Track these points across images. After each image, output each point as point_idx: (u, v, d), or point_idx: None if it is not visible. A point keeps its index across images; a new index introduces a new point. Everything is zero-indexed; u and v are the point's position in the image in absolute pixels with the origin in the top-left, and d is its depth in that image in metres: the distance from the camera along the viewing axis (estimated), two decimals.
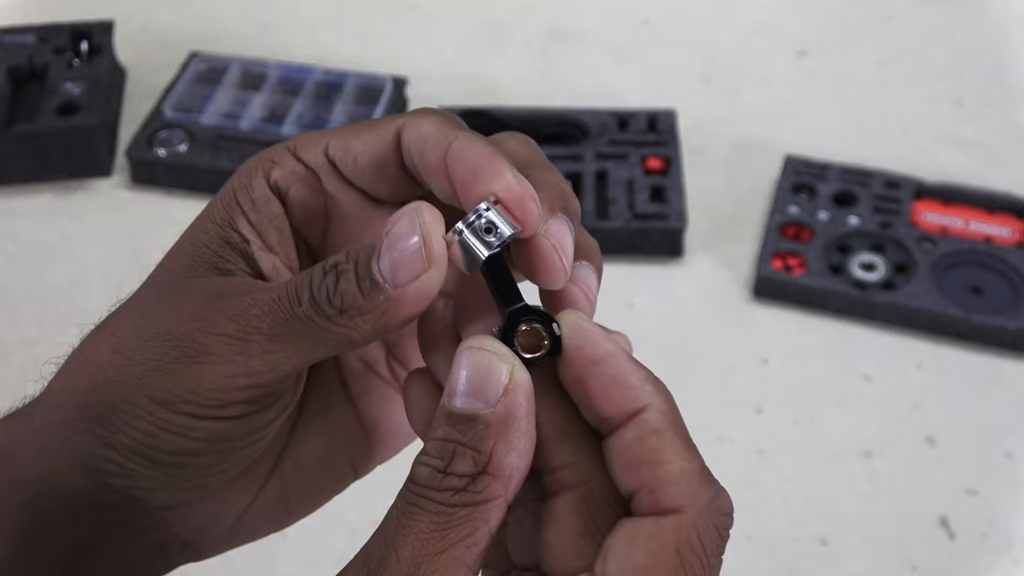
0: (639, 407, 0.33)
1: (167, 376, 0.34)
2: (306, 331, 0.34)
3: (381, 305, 0.33)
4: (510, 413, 0.32)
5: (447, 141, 0.35)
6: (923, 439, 0.79)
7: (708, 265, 0.90)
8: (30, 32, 1.02)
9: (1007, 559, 0.72)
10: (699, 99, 1.05)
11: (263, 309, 0.34)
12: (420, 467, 0.32)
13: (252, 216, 0.37)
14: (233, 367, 0.34)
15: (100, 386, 0.35)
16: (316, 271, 0.34)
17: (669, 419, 0.34)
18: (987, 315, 0.83)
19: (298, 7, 1.15)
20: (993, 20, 1.15)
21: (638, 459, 0.33)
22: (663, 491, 0.32)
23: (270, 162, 0.37)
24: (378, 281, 0.33)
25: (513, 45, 1.11)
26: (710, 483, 0.34)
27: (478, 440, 0.32)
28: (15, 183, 0.95)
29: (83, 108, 0.95)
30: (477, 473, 0.32)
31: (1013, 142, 1.01)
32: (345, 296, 0.33)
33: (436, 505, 0.32)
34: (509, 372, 0.33)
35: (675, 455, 0.33)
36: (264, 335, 0.34)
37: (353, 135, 0.37)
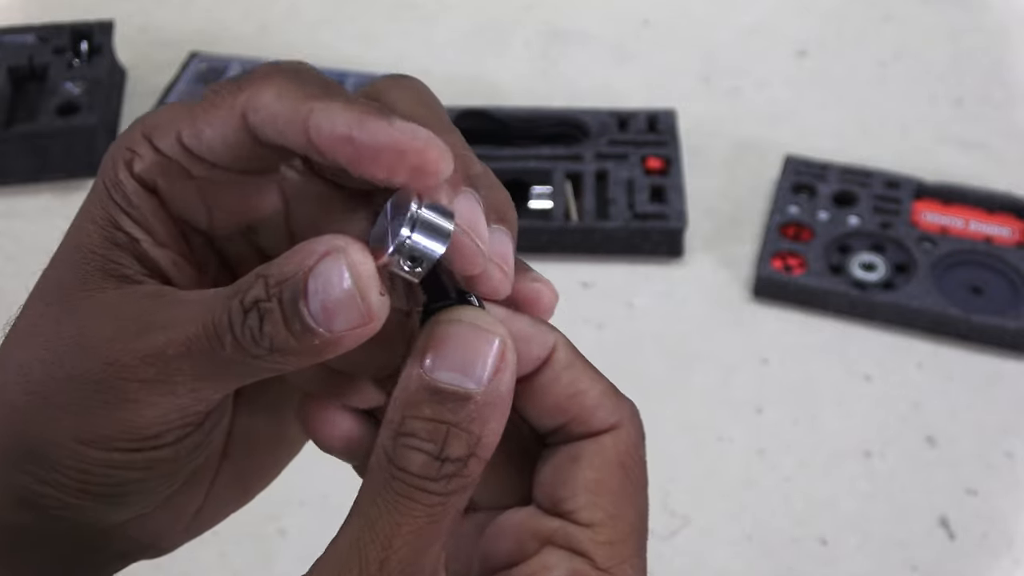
0: (542, 354, 0.34)
1: (92, 420, 0.32)
2: (232, 369, 0.31)
3: (317, 346, 0.30)
4: (500, 392, 0.31)
5: (301, 119, 0.31)
6: (923, 439, 0.79)
7: (708, 265, 0.90)
8: (30, 32, 1.02)
9: (1007, 559, 0.72)
10: (699, 99, 1.05)
11: (180, 350, 0.31)
12: (412, 453, 0.30)
13: (133, 213, 0.33)
14: (160, 408, 0.32)
15: (21, 429, 0.33)
16: (235, 309, 0.30)
17: (573, 350, 0.34)
18: (987, 315, 0.83)
19: (298, 7, 1.15)
20: (993, 20, 1.15)
21: (560, 396, 0.34)
22: (593, 416, 0.34)
23: (130, 152, 0.33)
24: (310, 326, 0.30)
25: (513, 45, 1.11)
26: (624, 397, 0.35)
27: (470, 421, 0.30)
28: (15, 183, 0.95)
29: (83, 108, 0.95)
30: (468, 456, 0.30)
31: (1013, 142, 1.01)
32: (274, 339, 0.30)
33: (433, 497, 0.30)
34: (502, 349, 0.31)
35: (592, 381, 0.34)
36: (187, 375, 0.31)
37: (203, 118, 0.33)
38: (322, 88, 0.32)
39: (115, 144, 0.34)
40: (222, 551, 0.71)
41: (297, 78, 0.33)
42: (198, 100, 0.33)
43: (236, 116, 0.32)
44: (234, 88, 0.33)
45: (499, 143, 0.95)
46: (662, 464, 0.77)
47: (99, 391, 0.32)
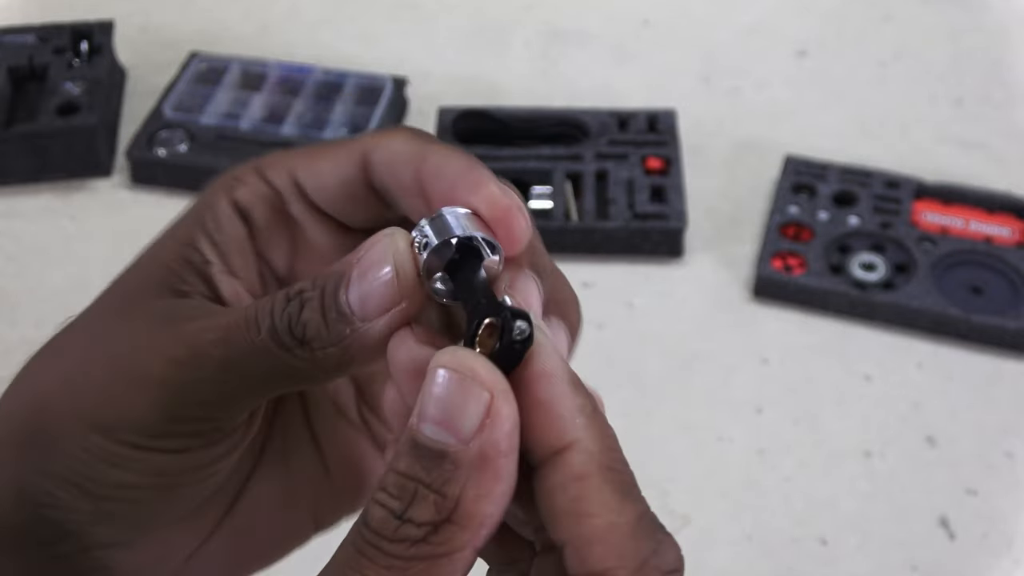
0: (563, 444, 0.28)
1: (108, 402, 0.32)
2: (262, 363, 0.30)
3: (346, 339, 0.29)
4: (485, 453, 0.27)
5: (420, 157, 0.31)
6: (923, 439, 0.79)
7: (708, 265, 0.90)
8: (30, 32, 1.02)
9: (1007, 559, 0.72)
10: (699, 99, 1.05)
11: (218, 335, 0.31)
12: (375, 507, 0.27)
13: (215, 236, 0.34)
14: (180, 393, 0.31)
15: (39, 411, 0.33)
16: (279, 298, 0.30)
17: (597, 461, 0.28)
18: (987, 315, 0.83)
19: (298, 7, 1.15)
20: (993, 20, 1.15)
21: (561, 509, 0.28)
22: (589, 550, 0.27)
23: (235, 180, 0.34)
24: (345, 312, 0.29)
25: (513, 45, 1.11)
26: (646, 538, 0.28)
27: (444, 482, 0.27)
28: (15, 183, 0.95)
29: (83, 108, 0.95)
30: (441, 521, 0.27)
31: (1013, 142, 1.01)
32: (308, 327, 0.30)
33: (387, 558, 0.27)
34: (488, 402, 0.27)
35: (602, 506, 0.28)
36: (216, 363, 0.30)
37: (320, 156, 0.34)
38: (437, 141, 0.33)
39: (224, 173, 0.35)
40: None
41: (422, 134, 0.33)
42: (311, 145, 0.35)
43: (357, 154, 0.33)
44: (360, 137, 0.34)
45: (499, 143, 0.95)
46: (662, 464, 0.78)
47: (125, 370, 0.32)
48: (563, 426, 0.28)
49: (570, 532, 0.28)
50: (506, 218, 0.30)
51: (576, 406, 0.28)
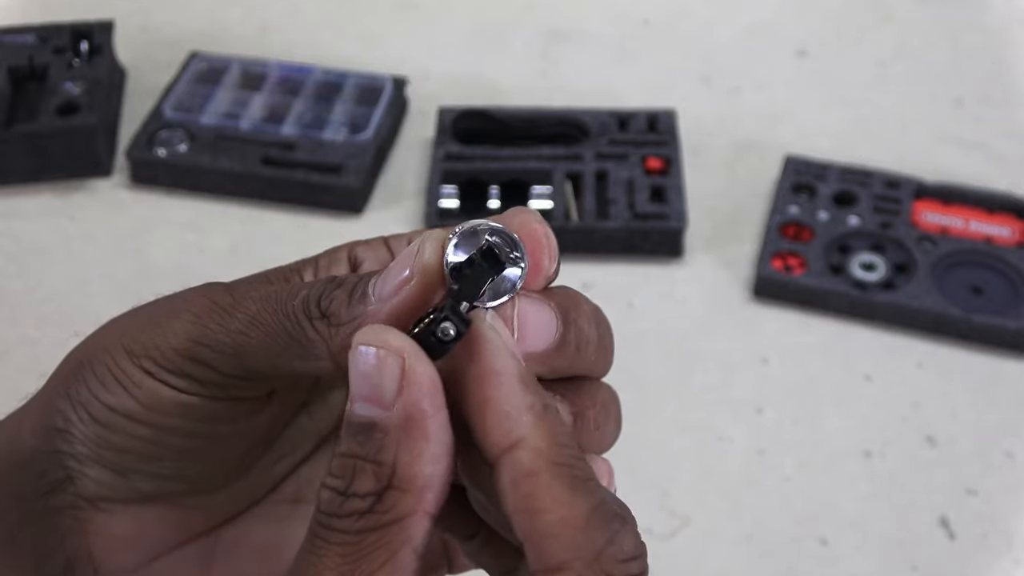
0: (511, 441, 0.28)
1: (145, 328, 0.34)
2: (285, 327, 0.32)
3: (357, 318, 0.31)
4: (409, 414, 0.28)
5: None
6: (923, 439, 0.79)
7: (708, 265, 0.90)
8: (30, 32, 1.02)
9: (1007, 559, 0.72)
10: (699, 99, 1.05)
11: (262, 293, 0.33)
12: (323, 491, 0.29)
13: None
14: (203, 332, 0.33)
15: (94, 336, 0.35)
16: (325, 278, 0.33)
17: (545, 457, 0.28)
18: (987, 315, 0.83)
19: (298, 7, 1.15)
20: (993, 20, 1.15)
21: (514, 507, 0.28)
22: (544, 545, 0.28)
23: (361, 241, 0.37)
24: (368, 294, 0.31)
25: (513, 45, 1.11)
26: (600, 528, 0.28)
27: (377, 450, 0.28)
28: (15, 183, 0.95)
29: (83, 108, 0.95)
30: (382, 489, 0.28)
31: (1013, 142, 1.01)
32: (334, 301, 0.31)
33: (340, 535, 0.28)
34: (400, 366, 0.28)
35: (553, 501, 0.28)
36: (247, 316, 0.32)
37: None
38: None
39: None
40: None
41: None
42: None
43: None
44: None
45: (499, 143, 0.95)
46: (662, 464, 0.78)
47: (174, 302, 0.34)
48: (510, 424, 0.28)
49: (525, 529, 0.28)
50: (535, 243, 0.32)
51: (524, 404, 0.29)
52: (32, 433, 0.35)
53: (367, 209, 0.94)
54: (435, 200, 0.90)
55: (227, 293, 0.34)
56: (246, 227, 0.91)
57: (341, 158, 0.93)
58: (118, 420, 0.34)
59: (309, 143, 0.95)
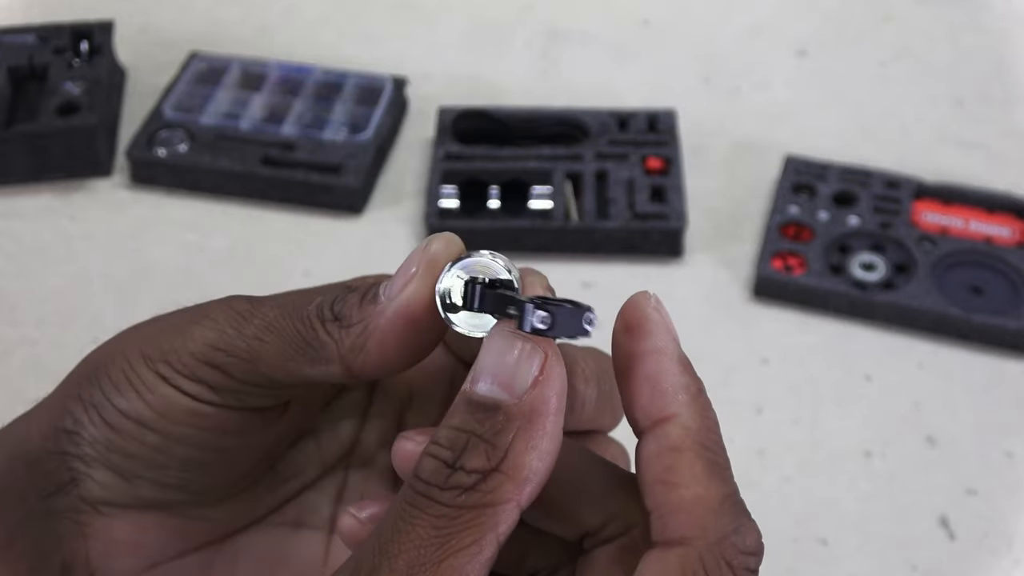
0: (664, 415, 0.30)
1: (165, 332, 0.35)
2: (298, 331, 0.33)
3: (366, 319, 0.32)
4: (535, 408, 0.29)
5: None
6: (923, 439, 0.79)
7: (708, 265, 0.90)
8: (30, 32, 1.02)
9: (1007, 559, 0.72)
10: (699, 99, 1.05)
11: (279, 301, 0.34)
12: (427, 459, 0.29)
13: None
14: (220, 337, 0.34)
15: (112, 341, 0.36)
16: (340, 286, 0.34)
17: (693, 437, 0.30)
18: (987, 315, 0.83)
19: (298, 7, 1.15)
20: (993, 20, 1.15)
21: (653, 477, 0.30)
22: (672, 518, 0.29)
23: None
24: (378, 295, 0.32)
25: (513, 45, 1.11)
26: (731, 515, 0.30)
27: (495, 432, 0.29)
28: (15, 183, 0.95)
29: (83, 108, 0.95)
30: (489, 470, 0.28)
31: (1013, 142, 1.01)
32: (345, 304, 0.33)
33: (439, 507, 0.28)
34: (542, 361, 0.29)
35: (691, 479, 0.30)
36: (264, 322, 0.33)
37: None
38: None
39: None
40: None
41: None
42: None
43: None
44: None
45: (499, 143, 0.95)
46: None
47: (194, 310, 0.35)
48: (665, 400, 0.31)
49: (658, 499, 0.29)
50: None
51: (681, 384, 0.32)
52: (40, 434, 0.35)
53: (367, 209, 0.94)
54: (435, 200, 0.90)
55: (247, 302, 0.35)
56: (246, 227, 0.91)
57: (341, 158, 0.93)
58: (128, 425, 0.34)
59: (309, 143, 0.95)
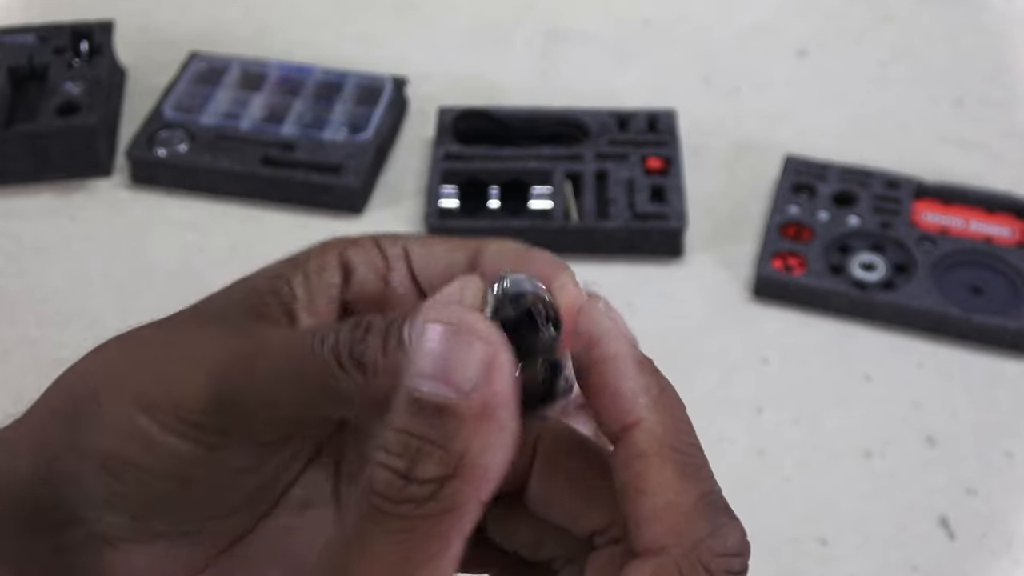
0: (628, 422, 0.29)
1: (160, 381, 0.32)
2: (313, 374, 0.30)
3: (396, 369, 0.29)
4: (487, 405, 0.27)
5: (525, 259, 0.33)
6: (923, 439, 0.79)
7: (708, 265, 0.90)
8: (30, 32, 1.02)
9: (1007, 559, 0.72)
10: (699, 99, 1.05)
11: (283, 339, 0.31)
12: (379, 470, 0.27)
13: (311, 277, 0.34)
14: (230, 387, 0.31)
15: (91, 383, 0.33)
16: (350, 321, 0.31)
17: (660, 440, 0.29)
18: (987, 315, 0.83)
19: (298, 7, 1.15)
20: (993, 20, 1.15)
21: (623, 486, 0.29)
22: (646, 527, 0.28)
23: (350, 242, 0.35)
24: (405, 342, 0.29)
25: (513, 45, 1.11)
26: (707, 518, 0.29)
27: (447, 437, 0.27)
28: (15, 183, 0.95)
29: (83, 108, 0.95)
30: (446, 477, 0.27)
31: (1013, 142, 1.01)
32: (368, 351, 0.29)
33: (396, 521, 0.27)
34: (488, 352, 0.27)
35: (661, 485, 0.29)
36: (272, 364, 0.31)
37: (435, 240, 0.35)
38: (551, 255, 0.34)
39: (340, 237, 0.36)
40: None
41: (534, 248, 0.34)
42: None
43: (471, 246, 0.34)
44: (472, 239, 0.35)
45: (499, 143, 0.95)
46: None
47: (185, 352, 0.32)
48: (627, 406, 0.29)
49: (632, 508, 0.28)
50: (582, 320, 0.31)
51: (640, 387, 0.30)
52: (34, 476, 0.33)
53: (367, 209, 0.94)
54: (435, 200, 0.90)
55: (243, 340, 0.32)
56: (246, 227, 0.91)
57: (341, 158, 0.93)
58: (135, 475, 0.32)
59: (309, 143, 0.95)
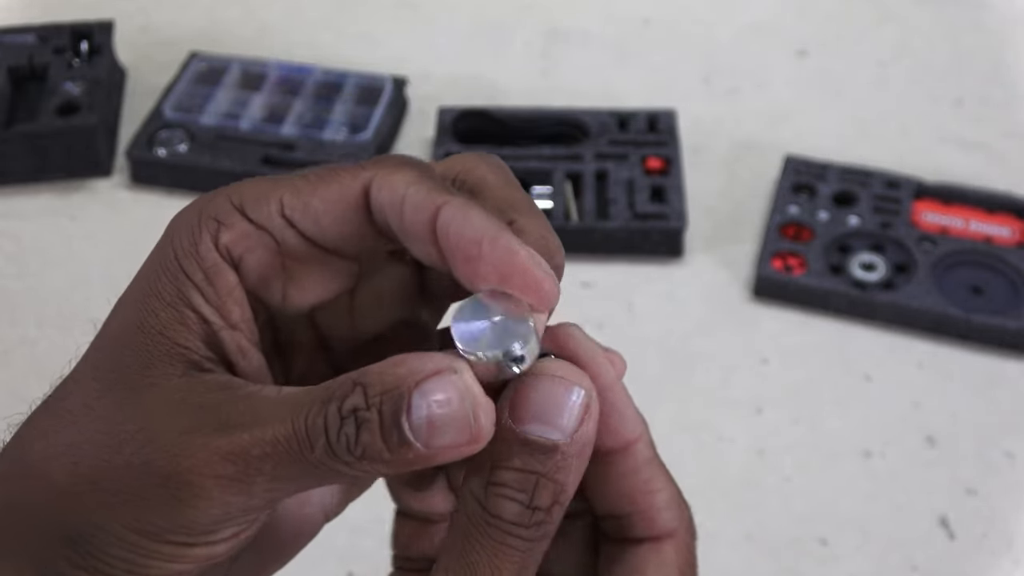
0: (634, 437, 0.35)
1: (149, 510, 0.31)
2: (315, 472, 0.30)
3: (409, 459, 0.30)
4: (585, 443, 0.32)
5: (433, 206, 0.32)
6: (923, 439, 0.79)
7: (708, 265, 0.90)
8: (30, 32, 1.02)
9: (1007, 559, 0.72)
10: (699, 99, 1.05)
11: (266, 450, 0.30)
12: (505, 503, 0.31)
13: (207, 292, 0.32)
14: (230, 507, 0.31)
15: (63, 509, 0.31)
16: (331, 414, 0.29)
17: (652, 447, 0.35)
18: (987, 315, 0.83)
19: (298, 7, 1.15)
20: (993, 20, 1.15)
21: (634, 488, 0.35)
22: (660, 517, 0.35)
23: (215, 222, 0.32)
24: (408, 439, 0.29)
25: (513, 45, 1.11)
26: (684, 502, 0.36)
27: (557, 471, 0.31)
28: (15, 183, 0.95)
29: (83, 108, 0.95)
30: (551, 505, 0.32)
31: (1013, 142, 1.01)
32: (368, 448, 0.29)
33: (525, 543, 0.31)
34: (586, 401, 0.32)
35: (664, 483, 0.35)
36: (267, 476, 0.30)
37: (310, 191, 0.33)
38: (448, 187, 0.33)
39: (193, 211, 0.33)
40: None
41: (425, 172, 0.33)
42: (300, 173, 0.33)
43: (356, 192, 0.33)
44: (353, 168, 0.33)
45: (499, 143, 0.95)
46: None
47: (165, 484, 0.30)
48: (631, 424, 0.35)
49: (642, 504, 0.35)
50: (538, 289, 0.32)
51: (633, 405, 0.35)
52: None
53: None
54: None
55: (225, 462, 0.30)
56: None
57: (341, 158, 0.93)
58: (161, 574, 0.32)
59: (309, 143, 0.95)
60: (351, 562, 0.70)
